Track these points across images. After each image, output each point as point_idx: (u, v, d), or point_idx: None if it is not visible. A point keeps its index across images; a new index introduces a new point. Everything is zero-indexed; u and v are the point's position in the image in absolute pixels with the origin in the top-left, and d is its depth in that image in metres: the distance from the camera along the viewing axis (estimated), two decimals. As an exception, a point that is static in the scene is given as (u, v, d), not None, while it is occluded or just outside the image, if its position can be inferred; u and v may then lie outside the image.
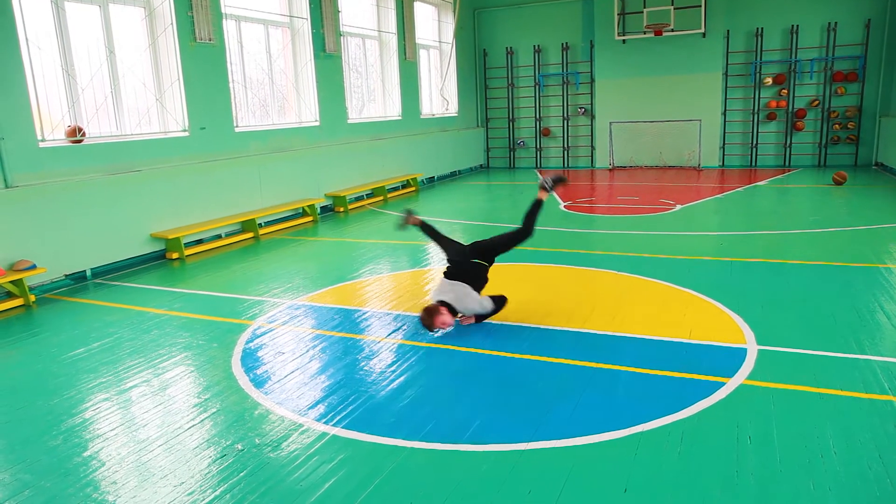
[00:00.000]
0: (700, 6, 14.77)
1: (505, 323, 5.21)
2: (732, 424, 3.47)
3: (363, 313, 5.71)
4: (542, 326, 5.11)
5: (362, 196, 12.66)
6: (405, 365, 4.49)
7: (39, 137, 7.18)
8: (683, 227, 8.92)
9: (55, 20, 7.44)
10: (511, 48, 17.51)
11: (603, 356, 4.47)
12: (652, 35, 15.32)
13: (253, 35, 10.54)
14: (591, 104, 17.02)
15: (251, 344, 5.04)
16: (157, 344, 5.15)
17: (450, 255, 5.46)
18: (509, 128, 18.11)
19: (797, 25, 14.76)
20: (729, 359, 4.33)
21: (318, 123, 11.58)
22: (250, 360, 4.72)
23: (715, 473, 3.04)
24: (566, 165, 17.67)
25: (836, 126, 14.96)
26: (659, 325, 5.01)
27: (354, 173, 12.45)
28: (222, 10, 9.45)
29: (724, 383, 3.95)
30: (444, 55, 16.58)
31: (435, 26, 16.39)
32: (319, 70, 11.48)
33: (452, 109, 16.99)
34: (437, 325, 4.83)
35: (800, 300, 5.51)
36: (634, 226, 9.10)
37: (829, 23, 14.52)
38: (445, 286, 5.11)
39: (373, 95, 13.91)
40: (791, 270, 6.45)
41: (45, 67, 7.32)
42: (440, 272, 5.86)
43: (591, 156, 17.31)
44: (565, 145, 17.61)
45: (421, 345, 4.84)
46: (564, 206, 10.80)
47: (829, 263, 6.63)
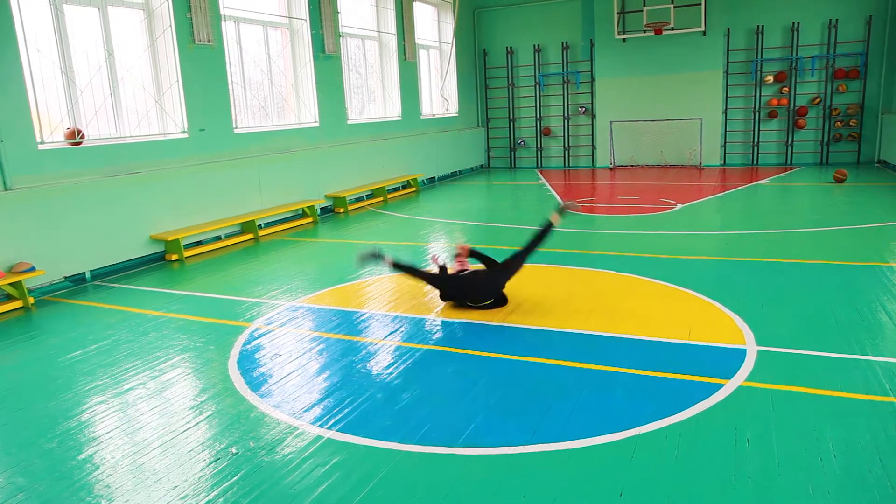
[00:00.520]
0: (700, 4, 14.71)
1: (502, 324, 5.19)
2: (731, 427, 3.44)
3: (361, 315, 5.69)
4: (540, 328, 5.08)
5: (362, 197, 12.64)
6: (402, 367, 4.47)
7: (39, 139, 7.18)
8: (684, 227, 8.88)
9: (54, 22, 7.43)
10: (511, 48, 17.48)
11: (601, 357, 4.44)
12: (652, 34, 15.27)
13: (252, 36, 10.53)
14: (592, 103, 16.97)
15: (249, 346, 5.03)
16: (155, 346, 5.14)
17: (469, 294, 5.65)
18: (510, 128, 18.08)
19: (798, 23, 14.70)
20: (728, 360, 4.30)
21: (317, 124, 11.56)
22: (247, 362, 4.71)
23: (713, 476, 3.01)
24: (567, 165, 17.63)
25: (838, 123, 14.89)
26: (658, 325, 4.98)
27: (354, 174, 12.43)
28: (221, 12, 9.44)
29: (722, 385, 3.92)
30: (444, 55, 16.55)
31: (435, 26, 16.37)
32: (319, 71, 11.46)
33: (453, 109, 16.97)
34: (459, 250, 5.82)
35: (800, 300, 5.48)
36: (635, 225, 9.07)
37: (830, 20, 14.46)
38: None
39: (373, 96, 13.89)
40: (792, 270, 6.42)
41: (44, 70, 7.32)
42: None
43: (592, 155, 17.27)
44: (566, 145, 17.58)
45: (419, 347, 4.82)
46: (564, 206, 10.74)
47: (830, 262, 6.60)
